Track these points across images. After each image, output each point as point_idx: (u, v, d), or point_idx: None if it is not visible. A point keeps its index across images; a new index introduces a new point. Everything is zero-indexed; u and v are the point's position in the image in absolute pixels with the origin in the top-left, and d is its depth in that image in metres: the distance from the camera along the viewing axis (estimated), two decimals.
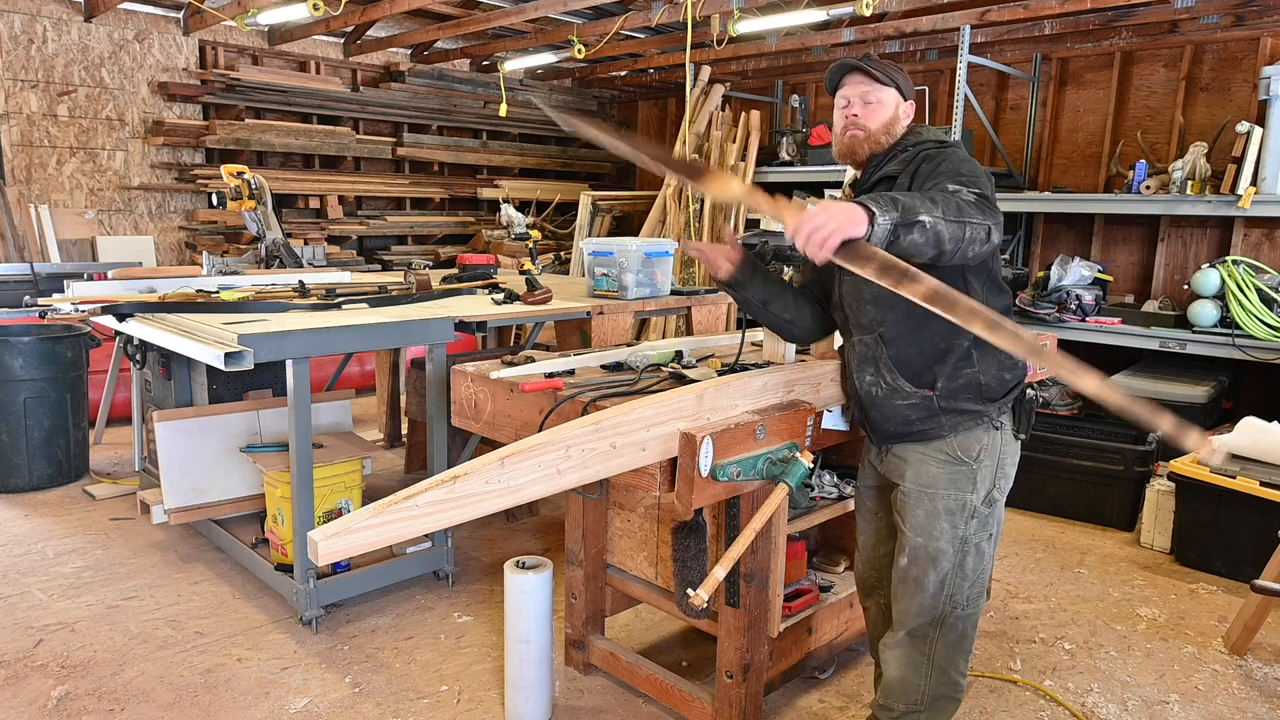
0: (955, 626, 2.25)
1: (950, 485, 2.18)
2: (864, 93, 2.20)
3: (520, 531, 4.28)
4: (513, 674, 2.64)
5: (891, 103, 2.20)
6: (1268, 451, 3.64)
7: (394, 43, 7.61)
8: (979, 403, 2.16)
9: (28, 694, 2.77)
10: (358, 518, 1.53)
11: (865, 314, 2.21)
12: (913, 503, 2.21)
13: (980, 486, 2.19)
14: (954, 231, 1.80)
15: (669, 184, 7.10)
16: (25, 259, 6.17)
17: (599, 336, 3.84)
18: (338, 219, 7.73)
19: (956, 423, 2.15)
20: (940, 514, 2.18)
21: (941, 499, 2.18)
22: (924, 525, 2.20)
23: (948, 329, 1.96)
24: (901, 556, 2.25)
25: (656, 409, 2.01)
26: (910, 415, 2.18)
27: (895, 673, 2.30)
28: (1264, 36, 5.57)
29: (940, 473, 2.18)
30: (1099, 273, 5.42)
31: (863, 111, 2.20)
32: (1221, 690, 2.98)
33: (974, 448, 2.17)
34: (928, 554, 2.20)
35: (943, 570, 2.20)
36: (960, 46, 5.54)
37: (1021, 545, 4.24)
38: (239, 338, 2.81)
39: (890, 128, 2.21)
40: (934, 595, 2.22)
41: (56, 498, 4.57)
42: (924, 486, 2.20)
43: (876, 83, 2.18)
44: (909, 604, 2.25)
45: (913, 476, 2.21)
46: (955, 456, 2.17)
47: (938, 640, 2.25)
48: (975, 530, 2.20)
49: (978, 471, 2.18)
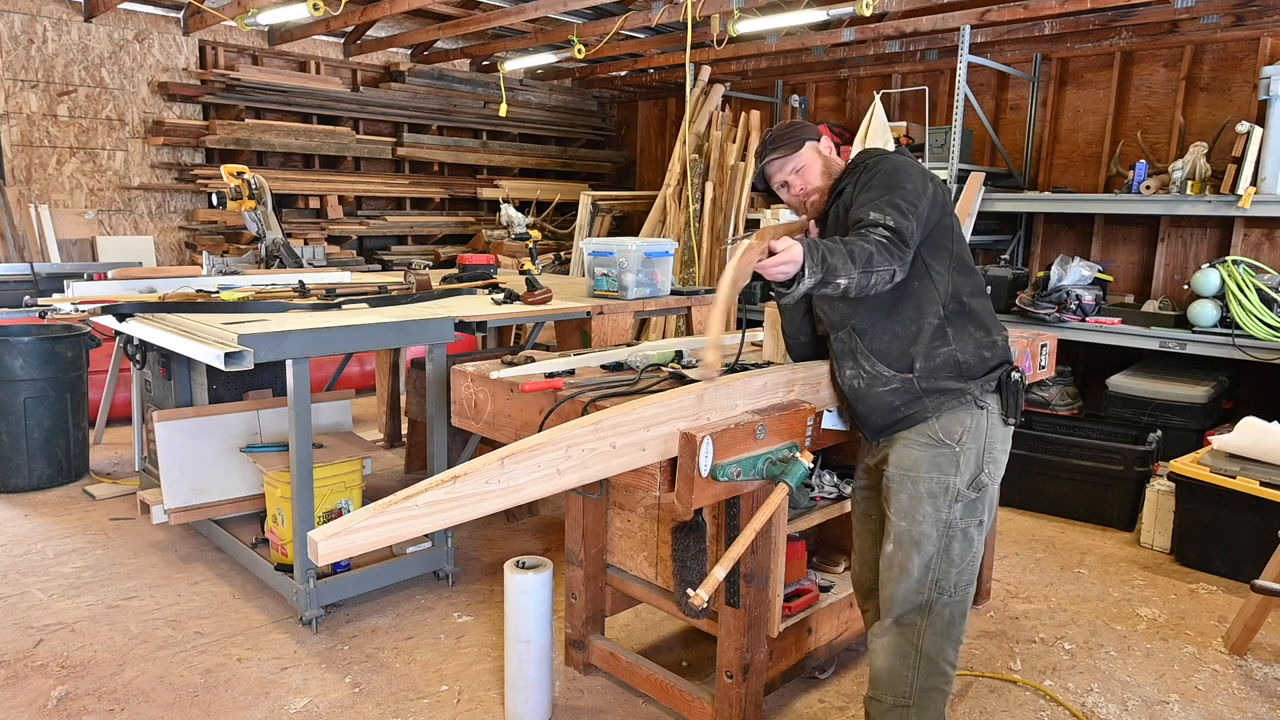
0: (942, 614, 2.24)
1: (932, 468, 2.19)
2: (792, 167, 2.32)
3: (520, 531, 4.28)
4: (513, 674, 2.64)
5: (811, 154, 2.33)
6: (1268, 451, 3.64)
7: (394, 43, 7.61)
8: (960, 380, 2.19)
9: (28, 694, 2.77)
10: (358, 518, 1.53)
11: (835, 311, 2.30)
12: (896, 486, 2.23)
13: (964, 469, 2.19)
14: (860, 281, 2.03)
15: (669, 184, 7.10)
16: (25, 259, 6.17)
17: (599, 336, 3.84)
18: (338, 219, 7.74)
19: (940, 403, 2.18)
20: (923, 497, 2.19)
21: (924, 482, 2.19)
22: (907, 509, 2.21)
23: (913, 311, 2.18)
24: (887, 543, 2.27)
25: (656, 409, 2.01)
26: (894, 401, 2.22)
27: (883, 662, 2.29)
28: (1264, 36, 5.57)
29: (922, 455, 2.20)
30: (1099, 273, 5.42)
31: (800, 181, 2.34)
32: (1221, 690, 2.98)
33: (956, 429, 2.19)
34: (911, 538, 2.21)
35: (927, 554, 2.20)
36: (960, 46, 5.54)
37: (1021, 545, 4.24)
38: (239, 338, 2.81)
39: (829, 169, 2.35)
40: (919, 581, 2.22)
41: (56, 498, 4.57)
42: (906, 470, 2.21)
43: (789, 155, 2.31)
44: (895, 589, 2.25)
45: (896, 460, 2.24)
46: (937, 439, 2.19)
47: (925, 629, 2.24)
48: (961, 515, 2.21)
49: (960, 454, 2.19)
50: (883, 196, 2.13)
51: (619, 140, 10.14)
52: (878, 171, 2.20)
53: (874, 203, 2.13)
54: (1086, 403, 5.49)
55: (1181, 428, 4.77)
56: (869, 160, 2.27)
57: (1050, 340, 3.47)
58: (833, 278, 1.98)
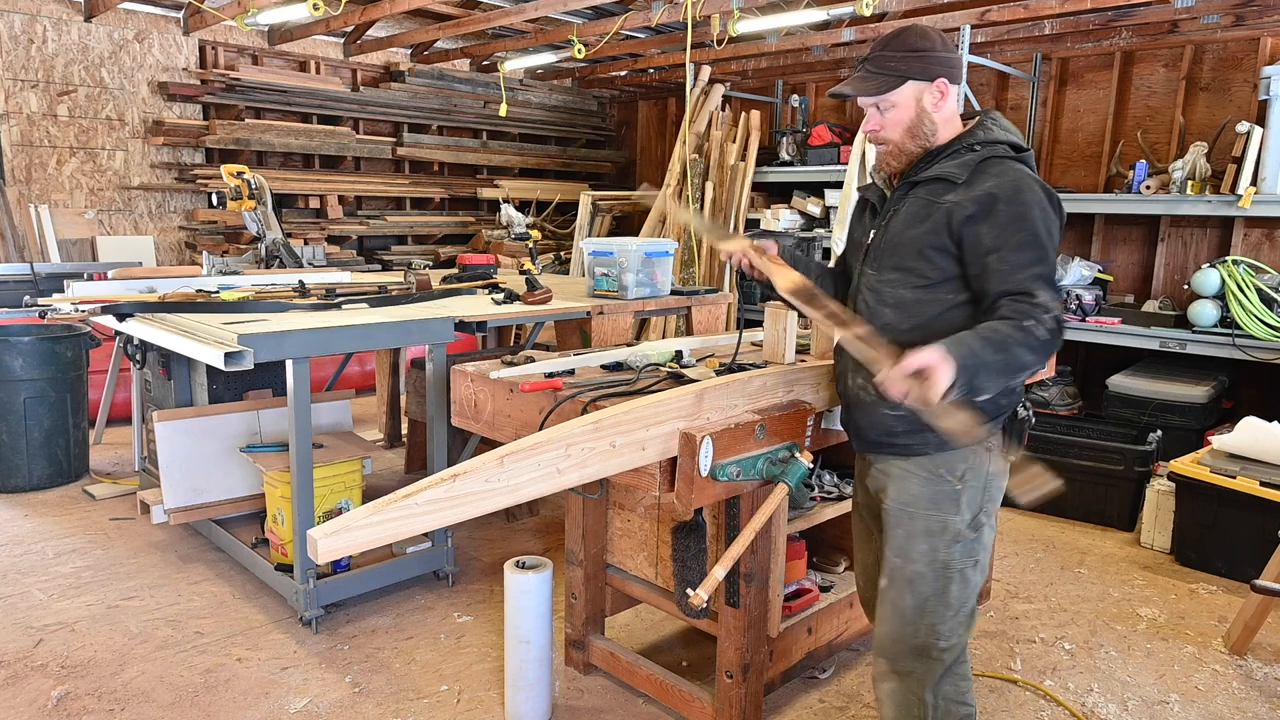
0: (942, 660, 2.06)
1: (932, 505, 2.02)
2: (875, 101, 2.00)
3: (520, 531, 4.28)
4: (513, 674, 2.64)
5: (909, 100, 1.96)
6: (1268, 451, 3.64)
7: (394, 42, 7.61)
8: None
9: (28, 694, 2.77)
10: (357, 516, 1.53)
11: (881, 317, 2.03)
12: (893, 521, 2.08)
13: (966, 509, 2.02)
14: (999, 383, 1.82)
15: (669, 184, 7.10)
16: (25, 259, 6.17)
17: (599, 336, 3.84)
18: (338, 219, 7.73)
19: (943, 440, 1.94)
20: (919, 535, 2.03)
21: (921, 519, 2.03)
22: (902, 546, 2.05)
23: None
24: (882, 576, 2.12)
25: (656, 408, 2.01)
26: (895, 426, 2.03)
27: (890, 713, 2.14)
28: (1264, 36, 5.56)
29: (922, 491, 2.03)
30: (1099, 272, 5.42)
31: (880, 122, 2.01)
32: (1221, 690, 2.98)
33: (959, 467, 2.01)
34: (904, 576, 2.05)
35: (921, 595, 2.03)
36: (960, 46, 5.54)
37: (1021, 545, 4.24)
38: (239, 338, 2.81)
39: (917, 128, 1.98)
40: (913, 624, 2.04)
41: (56, 498, 4.57)
42: (904, 505, 2.05)
43: (878, 93, 1.96)
44: (886, 627, 2.11)
45: (894, 494, 2.08)
46: (938, 475, 2.02)
47: (925, 677, 2.07)
48: (959, 556, 2.02)
49: (963, 492, 2.01)
50: (1038, 258, 1.84)
51: (619, 140, 10.14)
52: (1024, 208, 1.85)
53: (1031, 267, 1.83)
54: (1086, 403, 5.49)
55: (1181, 428, 4.77)
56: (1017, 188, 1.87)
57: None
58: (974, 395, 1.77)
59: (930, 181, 1.98)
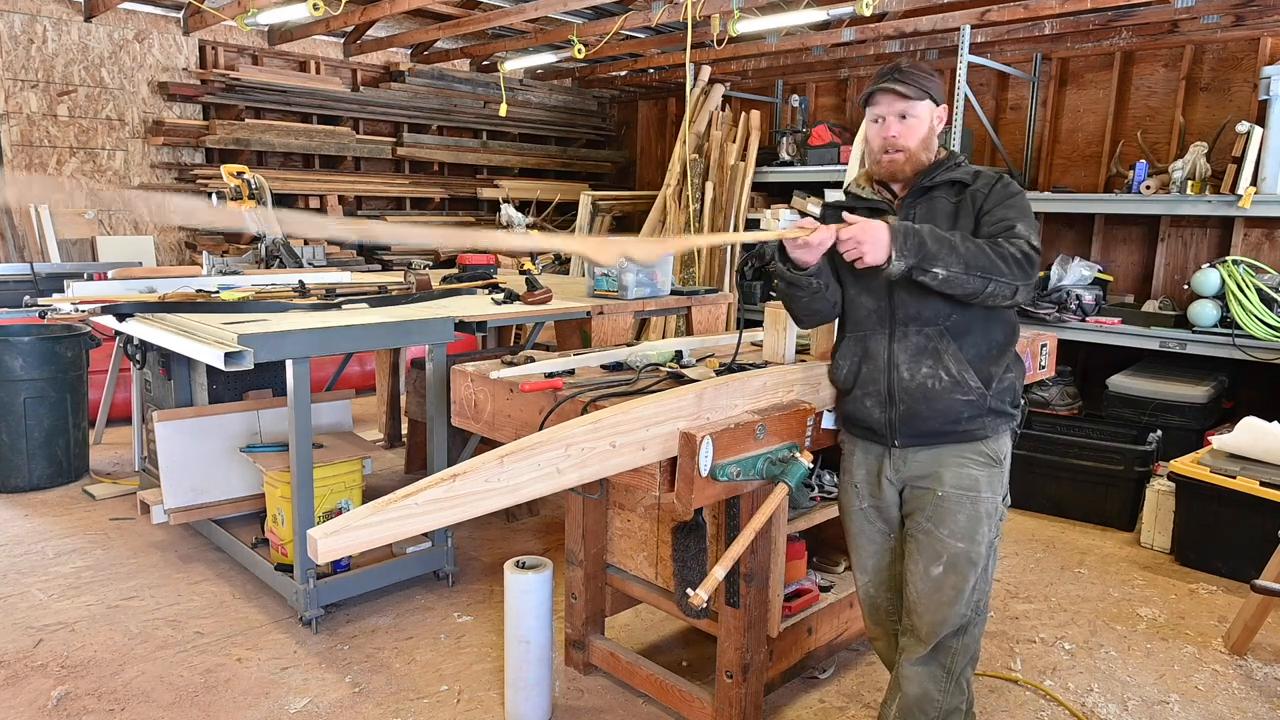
0: (974, 633, 2.25)
1: (988, 488, 2.18)
2: (901, 110, 2.14)
3: (520, 531, 4.28)
4: (513, 674, 2.64)
5: (926, 115, 2.16)
6: (1268, 451, 3.64)
7: (394, 43, 7.61)
8: (1011, 406, 2.21)
9: (28, 694, 2.77)
10: (357, 515, 1.53)
11: (928, 306, 2.12)
12: (953, 506, 2.15)
13: (1003, 488, 2.24)
14: (973, 285, 1.98)
15: (669, 184, 7.10)
16: (25, 259, 6.17)
17: (599, 336, 3.84)
18: (338, 219, 7.73)
19: (996, 424, 2.17)
20: (981, 517, 2.17)
21: (983, 502, 2.17)
22: (966, 529, 2.15)
23: (1002, 331, 2.19)
24: (935, 565, 2.16)
25: (656, 408, 2.01)
26: (963, 412, 2.13)
27: (917, 689, 2.22)
28: (1264, 36, 5.56)
29: (980, 475, 2.17)
30: (1099, 272, 5.42)
31: (900, 130, 2.14)
32: (1221, 690, 2.98)
33: (1003, 449, 2.22)
34: (969, 559, 2.15)
35: (977, 573, 2.18)
36: (960, 46, 5.53)
37: (1021, 545, 4.24)
38: (239, 338, 2.81)
39: (928, 141, 2.18)
40: (966, 603, 2.19)
41: (56, 498, 4.57)
42: (965, 490, 2.15)
43: (909, 99, 2.12)
44: (947, 613, 2.17)
45: (953, 480, 2.16)
46: (993, 458, 2.19)
47: (958, 651, 2.23)
48: (998, 533, 2.24)
49: (1003, 473, 2.23)
50: (1022, 215, 2.08)
51: (619, 140, 10.14)
52: (1017, 195, 2.13)
53: (1017, 221, 2.06)
54: (1086, 403, 5.49)
55: (1181, 428, 4.77)
56: (1005, 177, 2.18)
57: (1050, 340, 3.47)
58: (928, 265, 1.95)
59: (946, 185, 2.19)
